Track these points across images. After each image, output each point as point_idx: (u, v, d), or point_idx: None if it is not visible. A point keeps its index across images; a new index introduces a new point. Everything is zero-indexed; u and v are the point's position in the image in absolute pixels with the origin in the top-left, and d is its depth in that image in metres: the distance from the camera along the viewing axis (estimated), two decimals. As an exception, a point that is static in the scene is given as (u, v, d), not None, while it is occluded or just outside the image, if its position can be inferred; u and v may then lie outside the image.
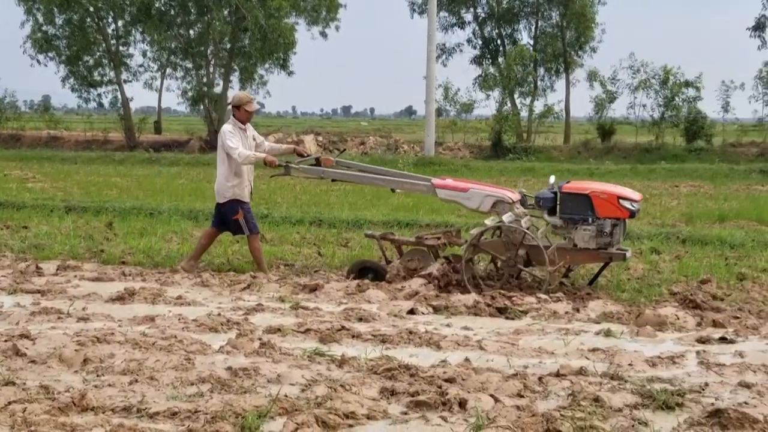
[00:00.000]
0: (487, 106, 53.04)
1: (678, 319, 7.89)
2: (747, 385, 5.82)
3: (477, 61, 44.53)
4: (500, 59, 41.25)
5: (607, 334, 7.36)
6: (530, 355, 6.67)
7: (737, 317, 8.13)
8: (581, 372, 6.03)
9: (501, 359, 6.50)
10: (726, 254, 11.55)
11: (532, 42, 43.06)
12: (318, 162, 10.48)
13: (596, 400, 5.31)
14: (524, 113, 40.02)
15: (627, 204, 9.02)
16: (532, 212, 9.61)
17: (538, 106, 40.56)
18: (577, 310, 8.29)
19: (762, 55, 79.98)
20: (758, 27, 42.79)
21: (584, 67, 42.24)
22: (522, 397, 5.51)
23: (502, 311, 8.26)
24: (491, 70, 41.14)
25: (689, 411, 5.25)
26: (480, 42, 44.61)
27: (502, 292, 8.75)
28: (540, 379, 5.88)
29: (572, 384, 5.72)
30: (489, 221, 9.44)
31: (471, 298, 8.53)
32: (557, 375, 5.95)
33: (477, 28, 44.29)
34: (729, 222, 14.91)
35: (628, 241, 11.68)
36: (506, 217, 9.25)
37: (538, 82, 41.79)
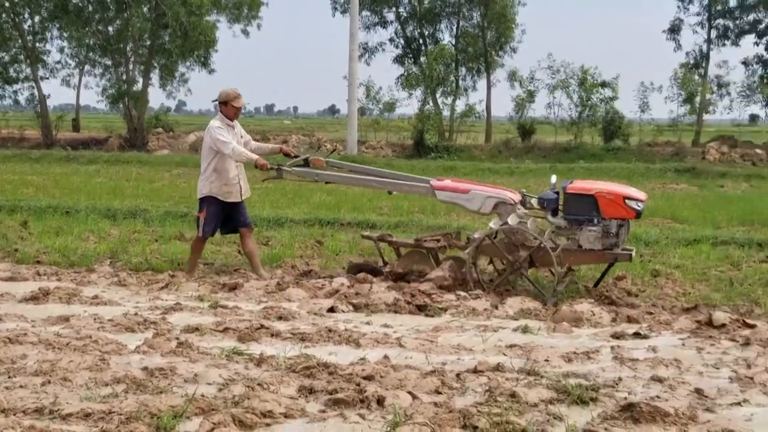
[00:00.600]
0: (409, 105, 53.47)
1: (594, 315, 8.01)
2: (659, 380, 5.94)
3: (399, 60, 44.75)
4: (422, 59, 41.40)
5: (525, 330, 7.44)
6: (449, 352, 6.72)
7: (651, 313, 8.30)
8: (498, 368, 6.08)
9: (420, 356, 6.53)
10: (641, 251, 11.76)
11: (453, 42, 43.37)
12: (307, 163, 10.19)
13: (512, 395, 5.36)
14: (446, 112, 40.30)
15: (633, 204, 8.84)
16: (534, 213, 9.52)
17: (460, 106, 40.96)
18: (496, 307, 8.36)
19: (678, 57, 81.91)
20: (673, 30, 43.93)
21: (505, 67, 42.83)
22: (440, 393, 5.54)
23: (421, 308, 8.29)
24: (413, 69, 41.28)
25: (603, 405, 5.33)
26: (402, 41, 44.84)
27: (422, 290, 8.78)
28: (458, 375, 5.92)
29: (489, 380, 5.78)
30: (493, 223, 9.27)
31: (391, 295, 8.55)
32: (475, 371, 5.99)
33: (399, 27, 44.48)
34: (644, 220, 15.11)
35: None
36: (512, 219, 9.12)
37: (460, 82, 42.12)
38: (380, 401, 5.28)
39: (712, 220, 14.97)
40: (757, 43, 43.51)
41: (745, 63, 43.71)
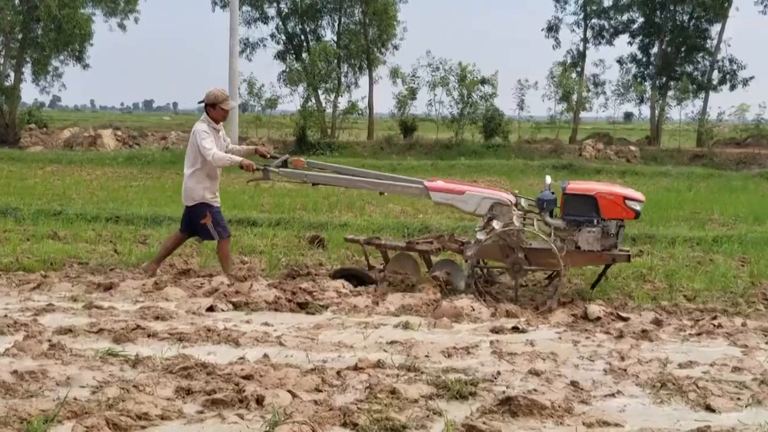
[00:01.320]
0: (291, 101, 53.06)
1: (473, 310, 8.09)
2: (536, 373, 6.05)
3: (281, 56, 44.44)
4: (304, 55, 41.25)
5: (406, 326, 7.47)
6: (329, 350, 6.69)
7: (528, 308, 8.42)
8: (379, 365, 6.08)
9: (300, 354, 6.49)
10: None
11: (335, 38, 43.35)
12: (285, 163, 9.79)
13: (393, 392, 5.37)
14: (329, 109, 40.25)
15: (633, 204, 8.75)
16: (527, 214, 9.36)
17: (342, 102, 40.92)
18: (377, 304, 8.36)
19: (556, 56, 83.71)
20: (551, 28, 44.86)
21: (387, 64, 42.94)
22: (320, 391, 5.51)
23: (302, 306, 8.23)
24: (296, 65, 41.07)
25: (482, 399, 5.39)
26: (284, 37, 44.55)
27: (303, 287, 8.70)
28: (338, 373, 5.89)
29: (370, 377, 5.77)
30: (496, 224, 8.86)
31: (272, 294, 8.45)
32: (355, 368, 5.98)
33: (280, 23, 44.19)
34: (523, 216, 15.40)
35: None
36: (515, 220, 8.93)
37: (342, 79, 42.06)
38: (259, 401, 5.22)
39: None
40: (630, 43, 44.81)
41: (620, 62, 44.97)
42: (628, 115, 56.48)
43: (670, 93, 42.51)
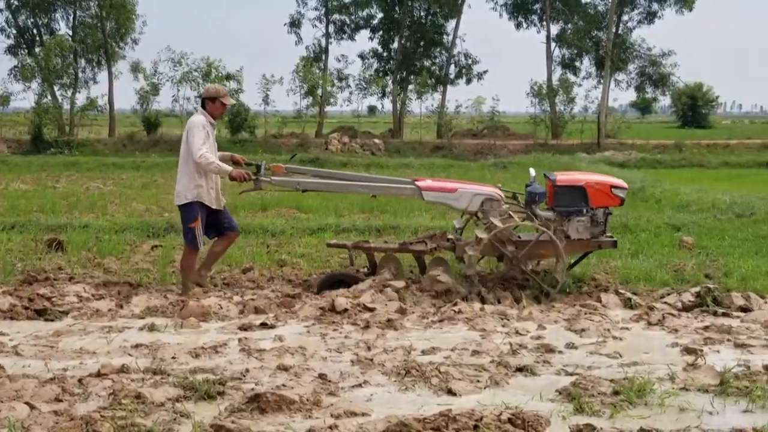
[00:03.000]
0: (25, 98, 50.30)
1: (221, 308, 8.02)
2: (285, 368, 6.08)
3: (12, 51, 42.12)
4: (37, 49, 39.35)
5: (151, 328, 7.31)
6: (70, 357, 6.43)
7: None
8: (123, 369, 5.91)
9: (38, 364, 6.19)
10: (267, 242, 11.96)
11: (70, 32, 41.59)
12: (260, 169, 9.01)
13: (138, 396, 5.21)
14: (66, 106, 38.60)
15: (618, 192, 9.09)
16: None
17: (81, 99, 39.49)
18: (121, 306, 8.12)
19: (300, 50, 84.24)
20: (294, 24, 45.18)
21: (127, 59, 41.75)
22: (60, 401, 5.27)
23: (40, 313, 7.84)
24: (28, 60, 39.07)
25: (230, 398, 5.34)
26: (14, 31, 42.25)
27: (41, 293, 8.29)
28: (80, 380, 5.67)
29: (114, 383, 5.59)
30: (496, 221, 8.81)
31: (6, 301, 7.97)
32: (98, 375, 5.77)
33: (10, 16, 41.88)
34: (271, 210, 15.45)
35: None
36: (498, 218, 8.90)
37: (80, 74, 40.55)
38: (-7, 416, 4.92)
39: (335, 208, 15.49)
40: (371, 38, 45.91)
41: (362, 57, 45.97)
42: (372, 109, 57.88)
43: (411, 87, 43.93)
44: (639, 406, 5.42)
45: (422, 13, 45.46)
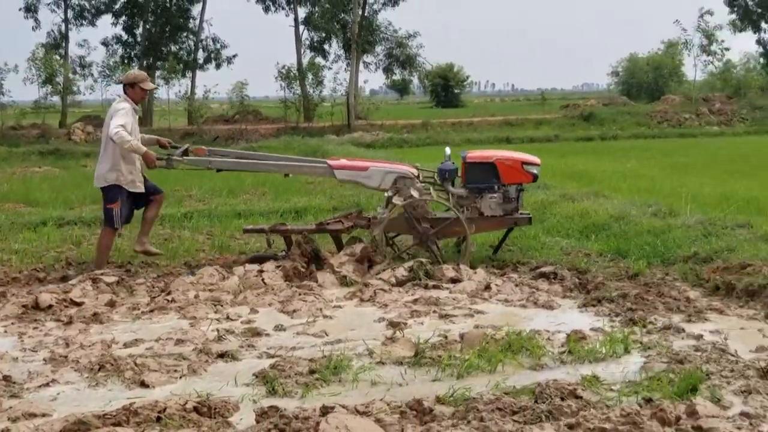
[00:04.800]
0: None
1: None
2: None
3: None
4: None
5: None
6: None
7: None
8: None
9: None
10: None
11: None
12: (186, 152, 9.41)
13: None
14: None
15: (530, 168, 9.17)
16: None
17: None
18: None
19: (38, 37, 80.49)
20: (29, 8, 42.93)
21: None
22: None
23: None
24: None
25: None
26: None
27: None
28: None
29: None
30: (396, 199, 9.01)
31: None
32: None
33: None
34: (-3, 205, 14.48)
35: None
36: (414, 192, 9.04)
37: None
38: None
39: (65, 200, 14.84)
40: (115, 24, 44.32)
41: (105, 43, 44.40)
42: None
43: (158, 73, 42.85)
44: (333, 384, 5.48)
45: (167, -2, 44.42)
